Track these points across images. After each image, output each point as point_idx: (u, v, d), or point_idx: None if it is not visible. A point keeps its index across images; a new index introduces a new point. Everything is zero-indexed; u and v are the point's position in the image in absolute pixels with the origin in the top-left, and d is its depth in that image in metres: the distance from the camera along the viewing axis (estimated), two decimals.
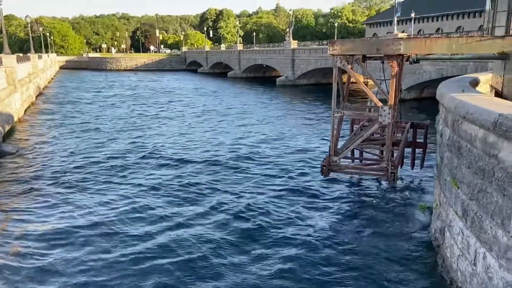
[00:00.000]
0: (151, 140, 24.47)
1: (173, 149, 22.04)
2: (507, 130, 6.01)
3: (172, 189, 15.65)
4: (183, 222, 12.67)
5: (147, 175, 17.61)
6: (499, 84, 11.87)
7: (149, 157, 20.54)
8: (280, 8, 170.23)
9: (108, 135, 26.44)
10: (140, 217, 13.06)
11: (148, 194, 15.22)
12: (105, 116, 34.48)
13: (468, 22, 71.81)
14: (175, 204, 14.19)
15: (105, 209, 13.79)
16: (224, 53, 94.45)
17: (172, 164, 19.25)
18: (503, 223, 6.26)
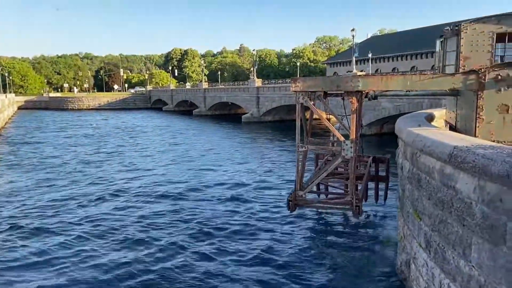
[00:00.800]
0: (113, 180, 23.73)
1: (136, 187, 21.44)
2: (462, 162, 6.25)
3: (132, 228, 15.10)
4: (146, 260, 12.21)
5: (106, 213, 16.96)
6: (452, 119, 12.51)
7: (109, 195, 19.91)
8: (244, 48, 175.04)
9: (67, 175, 25.42)
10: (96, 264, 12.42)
11: (108, 233, 14.63)
12: (65, 156, 33.28)
13: (421, 62, 76.30)
14: (135, 243, 13.67)
15: (62, 250, 13.07)
16: (190, 91, 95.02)
17: (133, 202, 18.72)
18: (464, 253, 6.38)
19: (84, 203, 18.81)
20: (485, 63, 10.00)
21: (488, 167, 5.52)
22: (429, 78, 10.42)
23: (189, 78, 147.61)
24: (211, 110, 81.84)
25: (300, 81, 12.37)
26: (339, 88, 12.02)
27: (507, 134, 9.19)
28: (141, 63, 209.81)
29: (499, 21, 10.25)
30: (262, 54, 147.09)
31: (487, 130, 9.28)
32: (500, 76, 9.12)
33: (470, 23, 10.54)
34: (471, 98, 9.76)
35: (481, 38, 10.38)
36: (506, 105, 9.11)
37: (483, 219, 5.81)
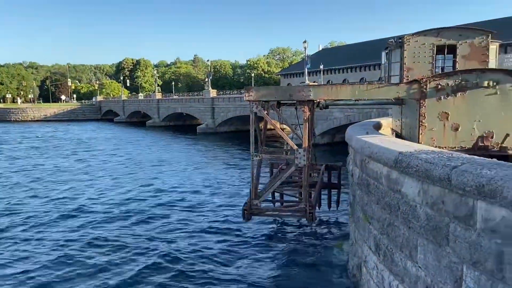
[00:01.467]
0: (61, 193, 22.56)
1: (85, 201, 20.50)
2: (406, 167, 6.52)
3: (83, 242, 14.39)
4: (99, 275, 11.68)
5: (53, 230, 16.05)
6: (398, 127, 13.10)
7: (58, 210, 18.85)
8: (198, 59, 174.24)
9: (9, 190, 23.85)
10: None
11: (53, 249, 13.83)
12: (6, 170, 31.26)
13: (370, 73, 79.67)
14: (86, 258, 13.02)
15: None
16: (143, 102, 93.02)
17: (84, 216, 17.88)
18: (411, 255, 6.62)
19: (25, 218, 17.71)
20: (426, 74, 10.60)
21: (430, 171, 5.79)
22: (375, 88, 10.86)
23: (142, 88, 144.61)
24: (165, 121, 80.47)
25: (254, 90, 12.45)
26: (292, 97, 12.23)
27: (447, 140, 9.73)
28: (90, 73, 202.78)
29: (439, 34, 10.94)
30: (216, 65, 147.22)
31: (430, 136, 9.78)
32: (440, 85, 9.66)
33: (412, 36, 11.16)
34: (414, 106, 10.27)
35: (423, 50, 11.01)
36: (446, 112, 9.66)
37: (427, 221, 6.06)
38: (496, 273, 4.70)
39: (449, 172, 5.36)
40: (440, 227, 5.74)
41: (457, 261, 5.36)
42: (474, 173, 4.95)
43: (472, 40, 10.69)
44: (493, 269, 4.73)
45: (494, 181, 4.60)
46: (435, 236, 5.88)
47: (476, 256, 4.98)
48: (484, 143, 9.41)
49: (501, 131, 9.40)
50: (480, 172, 4.91)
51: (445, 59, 11.18)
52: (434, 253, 5.92)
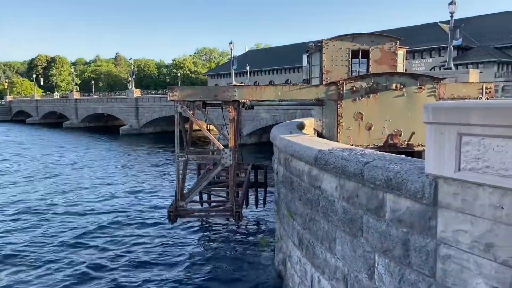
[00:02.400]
0: None
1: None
2: (325, 164, 6.89)
3: None
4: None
5: None
6: (319, 126, 13.76)
7: None
8: (120, 57, 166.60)
9: None
10: None
11: None
12: None
13: (294, 75, 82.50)
14: None
15: None
16: (59, 102, 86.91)
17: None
18: (330, 247, 7.01)
19: None
20: (343, 76, 11.28)
21: (346, 167, 6.18)
22: (297, 89, 11.31)
23: (58, 87, 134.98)
24: (84, 122, 76.04)
25: (178, 90, 12.29)
26: (217, 97, 12.28)
27: (362, 138, 10.45)
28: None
29: (353, 39, 11.69)
30: (140, 64, 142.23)
31: (346, 135, 10.42)
32: (355, 87, 10.34)
33: (330, 40, 11.80)
34: (333, 107, 10.87)
35: (340, 54, 11.70)
36: (361, 113, 10.36)
37: (344, 214, 6.46)
38: (403, 259, 5.15)
39: (362, 168, 5.76)
40: (355, 219, 6.15)
41: (370, 250, 5.79)
42: (383, 168, 5.38)
43: (382, 45, 11.59)
44: (401, 256, 5.18)
45: (400, 175, 5.05)
46: (351, 228, 6.29)
47: (386, 245, 5.42)
48: (393, 141, 10.26)
49: (408, 130, 10.31)
50: (388, 167, 5.35)
51: (360, 62, 11.98)
52: (350, 244, 6.33)
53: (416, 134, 10.20)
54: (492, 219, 3.90)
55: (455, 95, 11.05)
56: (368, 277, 5.87)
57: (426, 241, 4.69)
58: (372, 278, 5.76)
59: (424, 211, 4.68)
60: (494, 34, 66.53)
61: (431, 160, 4.49)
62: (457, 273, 4.31)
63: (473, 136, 4.00)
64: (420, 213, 4.76)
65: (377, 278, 5.63)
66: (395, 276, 5.27)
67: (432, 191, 4.49)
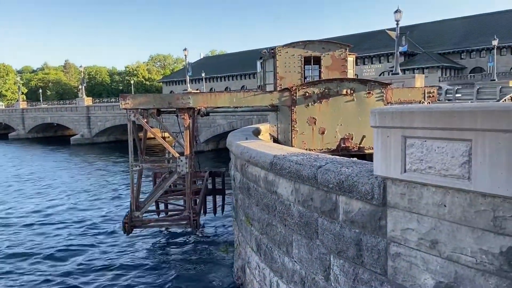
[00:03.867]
0: None
1: None
2: (280, 169, 6.98)
3: None
4: None
5: None
6: (275, 132, 13.93)
7: None
8: (69, 65, 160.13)
9: None
10: None
11: None
12: None
13: (250, 81, 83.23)
14: None
15: None
16: (3, 112, 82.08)
17: None
18: (287, 250, 7.09)
19: None
20: (296, 82, 11.51)
21: (300, 171, 6.29)
22: (251, 95, 11.40)
23: (3, 97, 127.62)
24: (32, 133, 72.30)
25: (130, 98, 12.01)
26: (171, 105, 12.12)
27: (316, 143, 10.69)
28: None
29: (305, 46, 11.98)
30: (91, 71, 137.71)
31: (301, 140, 10.62)
32: (307, 93, 10.58)
33: (283, 47, 12.01)
34: (287, 113, 11.05)
35: (292, 61, 11.93)
36: (314, 118, 10.61)
37: (300, 218, 6.57)
38: (356, 259, 5.30)
39: (316, 172, 5.90)
40: (311, 222, 6.27)
41: (325, 252, 5.92)
42: (335, 171, 5.53)
43: (333, 52, 11.96)
44: (354, 256, 5.33)
45: (351, 177, 5.21)
46: (307, 231, 6.40)
47: (340, 246, 5.56)
48: (345, 144, 10.57)
49: (359, 133, 10.67)
50: (340, 170, 5.51)
51: (312, 69, 12.29)
52: (307, 247, 6.43)
53: (366, 137, 10.57)
54: (436, 217, 4.11)
55: (401, 99, 11.58)
56: (325, 279, 5.99)
57: (377, 240, 4.87)
58: (328, 279, 5.88)
59: (375, 211, 4.86)
60: (438, 41, 70.63)
61: (379, 162, 4.67)
62: (406, 270, 4.50)
63: (417, 138, 4.21)
64: (371, 213, 4.94)
65: (333, 279, 5.76)
66: (349, 276, 5.41)
67: (381, 192, 4.68)
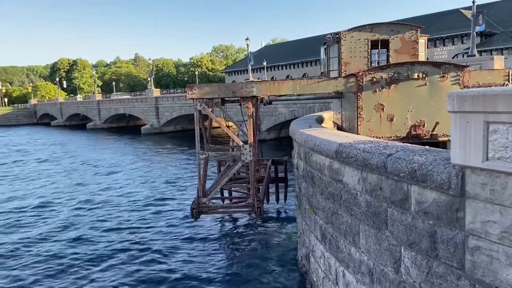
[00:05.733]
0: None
1: (31, 211, 19.27)
2: (346, 157, 6.79)
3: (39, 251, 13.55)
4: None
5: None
6: (339, 119, 13.60)
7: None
8: (139, 58, 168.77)
9: None
10: None
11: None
12: None
13: (312, 69, 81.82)
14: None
15: None
16: (82, 104, 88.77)
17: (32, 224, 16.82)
18: (354, 241, 6.92)
19: None
20: (362, 67, 11.09)
21: (368, 159, 6.07)
22: (315, 82, 11.19)
23: (81, 90, 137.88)
24: (107, 123, 77.44)
25: (197, 88, 12.35)
26: (235, 94, 12.29)
27: (384, 130, 10.27)
28: (23, 75, 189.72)
29: (372, 29, 11.48)
30: (159, 63, 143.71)
31: (367, 127, 10.26)
32: (375, 78, 10.16)
33: (348, 32, 11.61)
34: (353, 99, 10.72)
35: (358, 45, 11.50)
36: (382, 104, 10.18)
37: (368, 208, 6.36)
38: (430, 252, 5.03)
39: (385, 160, 5.65)
40: (379, 212, 6.05)
41: (396, 244, 5.68)
42: (407, 160, 5.25)
43: (403, 34, 11.33)
44: (428, 249, 5.07)
45: (425, 166, 4.92)
46: (375, 221, 6.18)
47: (412, 238, 5.31)
48: (416, 131, 10.04)
49: (432, 119, 10.07)
50: (412, 158, 5.23)
51: (379, 53, 11.76)
52: (375, 238, 6.23)
53: (440, 124, 9.96)
54: None
55: (480, 82, 10.71)
56: (395, 271, 5.77)
57: (454, 233, 4.57)
58: (398, 272, 5.66)
59: (451, 202, 4.56)
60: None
61: (457, 150, 4.35)
62: (486, 264, 4.18)
63: (501, 124, 3.85)
64: (447, 204, 4.64)
65: (404, 271, 5.53)
66: (422, 269, 5.16)
67: (459, 181, 4.36)
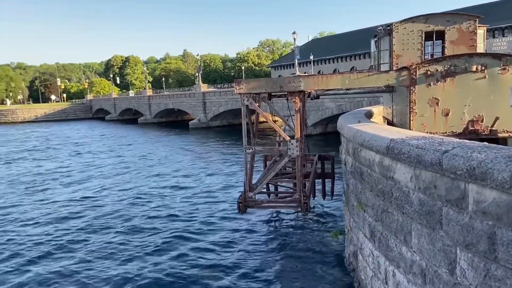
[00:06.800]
0: (61, 195, 22.46)
1: (86, 202, 20.44)
2: (398, 153, 6.56)
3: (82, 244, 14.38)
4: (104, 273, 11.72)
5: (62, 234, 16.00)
6: (389, 114, 13.17)
7: (60, 212, 18.77)
8: (188, 54, 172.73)
9: (11, 196, 23.64)
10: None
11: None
12: (5, 174, 30.98)
13: (360, 62, 79.68)
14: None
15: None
16: (133, 99, 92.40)
17: (83, 213, 17.82)
18: (405, 240, 6.69)
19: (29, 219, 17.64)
20: (415, 60, 10.63)
21: (422, 156, 5.83)
22: (365, 76, 10.88)
23: (132, 85, 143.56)
24: (157, 118, 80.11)
25: (244, 83, 12.43)
26: (282, 88, 12.23)
27: (438, 125, 9.81)
28: (80, 72, 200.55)
29: (427, 20, 10.95)
30: (206, 59, 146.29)
31: (421, 122, 9.84)
32: (429, 71, 9.71)
33: (400, 23, 11.16)
34: (405, 93, 10.31)
35: (411, 37, 11.03)
36: (436, 98, 9.71)
37: (421, 206, 6.12)
38: (489, 254, 4.76)
39: (440, 157, 5.40)
40: (433, 211, 5.80)
41: (451, 244, 5.43)
42: (464, 157, 4.99)
43: (459, 25, 10.73)
44: (486, 250, 4.79)
45: (485, 164, 4.64)
46: (428, 221, 5.94)
47: (468, 238, 5.05)
48: (474, 127, 9.49)
49: (491, 114, 9.48)
50: (470, 155, 4.95)
51: (434, 45, 11.22)
52: (428, 237, 5.99)
53: (500, 119, 9.36)
54: None
55: None
56: (449, 272, 5.52)
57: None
58: (453, 273, 5.41)
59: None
60: None
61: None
62: None
63: None
64: (509, 204, 4.36)
65: (459, 273, 5.28)
66: (479, 272, 4.90)
67: None
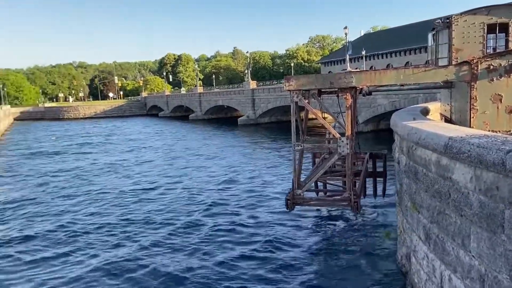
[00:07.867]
0: (118, 188, 23.70)
1: (146, 195, 21.42)
2: (457, 152, 6.24)
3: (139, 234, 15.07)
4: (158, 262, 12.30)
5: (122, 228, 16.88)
6: (447, 111, 12.54)
7: (116, 206, 19.81)
8: (237, 51, 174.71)
9: (74, 188, 25.27)
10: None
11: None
12: (69, 168, 33.06)
13: (415, 57, 76.46)
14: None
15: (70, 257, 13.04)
16: (185, 96, 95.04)
17: (140, 205, 18.68)
18: (463, 243, 6.37)
19: (91, 210, 18.80)
20: (477, 54, 10.03)
21: (483, 156, 5.51)
22: (422, 71, 10.44)
23: (184, 83, 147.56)
24: (207, 114, 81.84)
25: (294, 79, 12.37)
26: (333, 85, 12.03)
27: (501, 123, 9.21)
28: (135, 70, 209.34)
29: (489, 12, 10.29)
30: (255, 56, 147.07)
31: (482, 120, 9.29)
32: (492, 66, 9.14)
33: (461, 15, 10.57)
34: (465, 89, 9.78)
35: (472, 30, 10.41)
36: (500, 94, 9.13)
37: (481, 208, 5.80)
38: None
39: (504, 157, 5.08)
40: (495, 214, 5.48)
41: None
42: None
43: None
44: None
45: None
46: (489, 224, 5.62)
47: None
48: None
49: None
50: None
51: (497, 38, 10.52)
52: (489, 241, 5.66)
53: None
54: None
55: None
56: (510, 278, 5.20)
57: None
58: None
59: None
60: None
61: None
62: None
63: None
64: None
65: None
66: None
67: None
